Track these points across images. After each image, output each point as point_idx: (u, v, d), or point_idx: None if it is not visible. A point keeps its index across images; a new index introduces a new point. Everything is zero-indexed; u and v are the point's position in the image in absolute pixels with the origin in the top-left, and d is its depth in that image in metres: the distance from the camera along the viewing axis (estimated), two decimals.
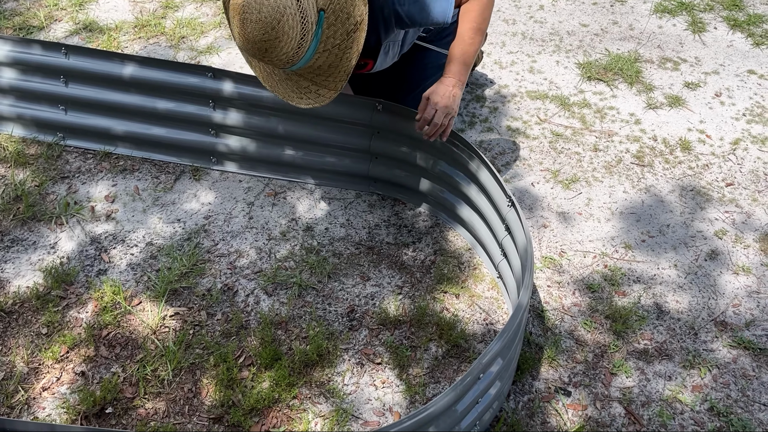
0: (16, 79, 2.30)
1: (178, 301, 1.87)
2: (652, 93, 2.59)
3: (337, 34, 1.59)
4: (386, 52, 1.96)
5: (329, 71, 1.66)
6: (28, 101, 2.33)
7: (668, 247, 2.03)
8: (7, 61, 2.27)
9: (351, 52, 1.62)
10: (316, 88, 1.70)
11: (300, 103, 1.72)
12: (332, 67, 1.65)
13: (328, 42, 1.60)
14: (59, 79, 2.26)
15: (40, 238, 2.04)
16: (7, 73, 2.30)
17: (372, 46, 1.87)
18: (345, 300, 1.89)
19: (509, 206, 1.74)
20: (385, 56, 1.96)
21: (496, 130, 2.44)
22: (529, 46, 2.85)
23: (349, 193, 2.21)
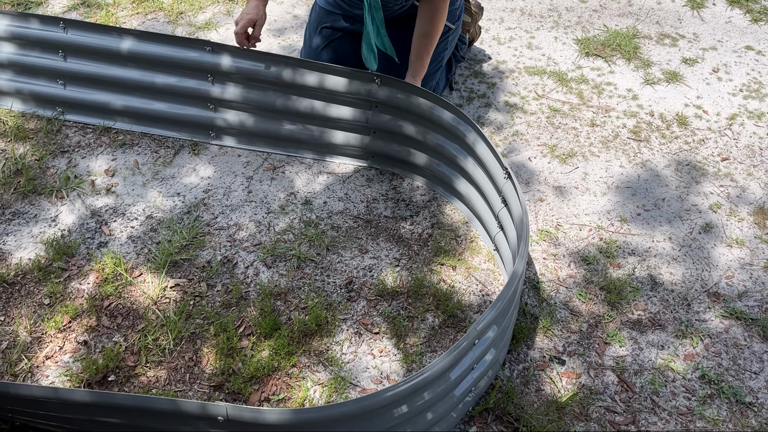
0: (15, 53, 2.30)
1: (179, 273, 1.90)
2: (650, 69, 2.60)
3: None
4: None
5: None
6: (27, 76, 2.34)
7: (663, 220, 2.05)
8: (5, 36, 2.27)
9: None
10: None
11: None
12: None
13: None
14: (58, 53, 2.26)
15: (41, 211, 2.06)
16: (5, 48, 2.30)
17: None
18: (343, 272, 1.91)
19: (506, 178, 1.76)
20: None
21: (494, 106, 2.45)
22: (528, 22, 2.84)
23: (348, 167, 2.22)
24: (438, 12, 2.00)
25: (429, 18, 2.01)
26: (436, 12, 2.00)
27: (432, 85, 2.29)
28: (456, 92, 2.50)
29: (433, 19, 2.01)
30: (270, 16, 2.84)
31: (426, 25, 2.01)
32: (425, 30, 2.02)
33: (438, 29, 2.03)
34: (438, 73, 2.30)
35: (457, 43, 2.46)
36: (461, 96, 2.49)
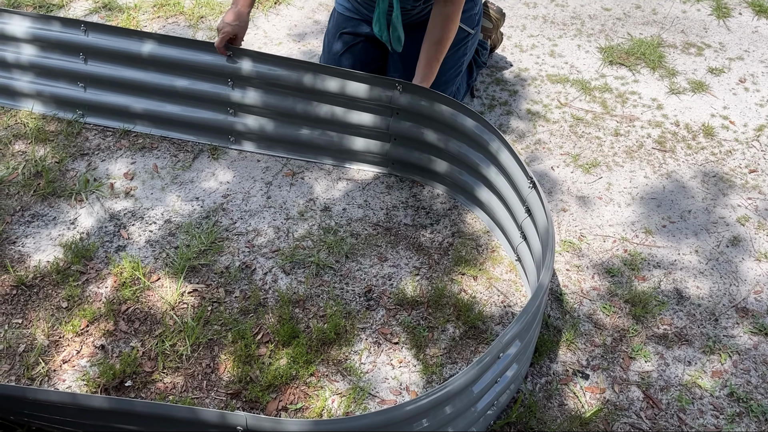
0: (36, 55, 2.30)
1: (197, 278, 1.88)
2: (675, 78, 2.56)
3: None
4: None
5: None
6: (47, 78, 2.34)
7: (689, 232, 2.01)
8: (27, 38, 2.28)
9: None
10: None
11: None
12: None
13: None
14: (79, 56, 2.26)
15: (60, 213, 2.05)
16: (27, 50, 2.31)
17: None
18: (362, 280, 1.89)
19: (530, 187, 1.73)
20: None
21: (516, 114, 2.42)
22: (550, 30, 2.81)
23: (367, 174, 2.20)
24: (449, 19, 1.97)
25: (440, 24, 1.97)
26: (448, 19, 1.97)
27: (452, 91, 2.27)
28: (477, 99, 2.48)
29: (444, 26, 1.97)
30: (290, 21, 2.84)
31: (437, 31, 1.98)
32: (436, 37, 1.99)
33: (449, 36, 2.00)
34: (458, 79, 2.28)
35: (478, 49, 2.43)
36: (482, 103, 2.46)
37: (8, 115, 2.36)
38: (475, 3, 2.21)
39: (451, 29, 1.99)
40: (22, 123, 2.33)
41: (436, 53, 2.01)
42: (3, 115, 2.36)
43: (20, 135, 2.29)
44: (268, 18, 2.85)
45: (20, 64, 2.33)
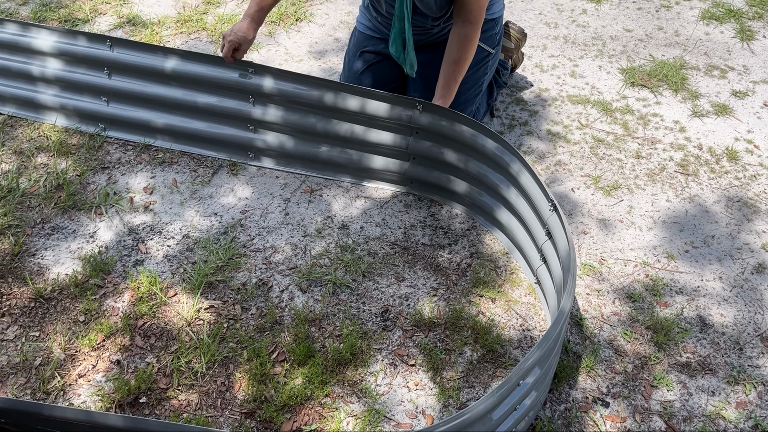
0: (62, 69, 2.33)
1: (213, 294, 1.87)
2: (698, 101, 2.53)
3: None
4: None
5: None
6: (72, 92, 2.37)
7: (713, 258, 1.97)
8: (53, 52, 2.31)
9: None
10: None
11: None
12: None
13: None
14: (103, 70, 2.29)
15: (80, 226, 2.06)
16: (52, 64, 2.34)
17: None
18: (379, 300, 1.87)
19: (551, 210, 1.71)
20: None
21: (536, 134, 2.40)
22: (571, 50, 2.80)
23: (385, 192, 2.19)
24: (468, 40, 1.96)
25: (458, 45, 1.97)
26: (466, 40, 1.96)
27: (472, 110, 2.26)
28: (497, 119, 2.46)
29: (462, 47, 1.97)
30: (311, 39, 2.85)
31: (455, 52, 1.98)
32: (454, 57, 1.98)
33: (467, 57, 1.99)
34: (478, 98, 2.27)
35: (499, 69, 2.43)
36: (502, 123, 2.45)
37: (31, 128, 2.38)
38: (496, 23, 2.21)
39: (470, 50, 1.98)
40: (45, 136, 2.35)
41: (454, 73, 2.00)
42: (26, 128, 2.38)
43: (43, 148, 2.31)
44: (290, 35, 2.87)
45: (45, 78, 2.36)
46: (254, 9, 2.09)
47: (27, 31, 2.32)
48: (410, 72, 2.06)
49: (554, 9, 3.05)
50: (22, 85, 2.41)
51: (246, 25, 2.08)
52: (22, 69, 2.37)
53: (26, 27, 2.32)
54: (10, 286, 1.88)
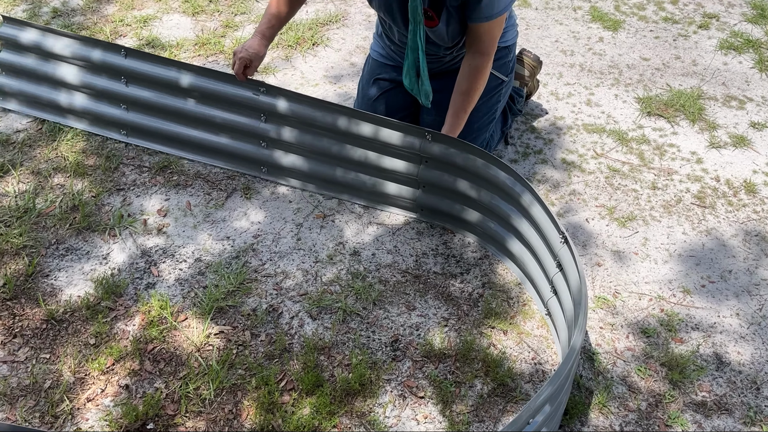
0: (83, 76, 2.39)
1: (224, 320, 1.87)
2: (716, 132, 2.51)
3: None
4: (447, 23, 1.93)
5: None
6: (93, 98, 2.43)
7: (730, 294, 1.94)
8: (74, 58, 2.36)
9: None
10: None
11: None
12: None
13: None
14: (120, 79, 2.34)
15: (94, 248, 2.08)
16: (74, 71, 2.39)
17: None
18: (389, 329, 1.86)
19: (562, 242, 1.69)
20: (446, 27, 1.93)
21: (551, 163, 2.39)
22: (587, 78, 2.79)
23: (398, 219, 2.19)
24: (478, 71, 1.95)
25: (469, 76, 1.96)
26: (477, 71, 1.95)
27: (485, 138, 2.26)
28: (512, 147, 2.46)
29: (473, 78, 1.96)
30: (327, 63, 2.88)
31: (465, 82, 1.97)
32: (464, 87, 1.98)
33: (477, 88, 1.98)
34: (491, 126, 2.27)
35: (513, 96, 2.42)
36: (517, 151, 2.44)
37: (49, 148, 2.41)
38: (509, 51, 2.21)
39: (480, 81, 1.97)
40: (62, 156, 2.38)
41: (464, 104, 1.99)
42: (44, 148, 2.41)
43: (60, 168, 2.33)
44: (306, 59, 2.89)
45: (68, 83, 2.42)
46: (265, 26, 2.11)
47: (52, 38, 2.39)
48: (426, 102, 2.07)
49: (570, 37, 3.05)
50: (48, 90, 2.48)
51: (257, 42, 2.09)
52: (48, 73, 2.44)
53: (52, 33, 2.39)
54: (23, 306, 1.89)
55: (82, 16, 3.14)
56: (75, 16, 3.15)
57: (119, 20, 3.10)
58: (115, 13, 3.16)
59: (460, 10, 1.90)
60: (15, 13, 3.18)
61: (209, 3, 3.25)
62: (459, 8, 1.89)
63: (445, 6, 1.88)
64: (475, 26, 1.90)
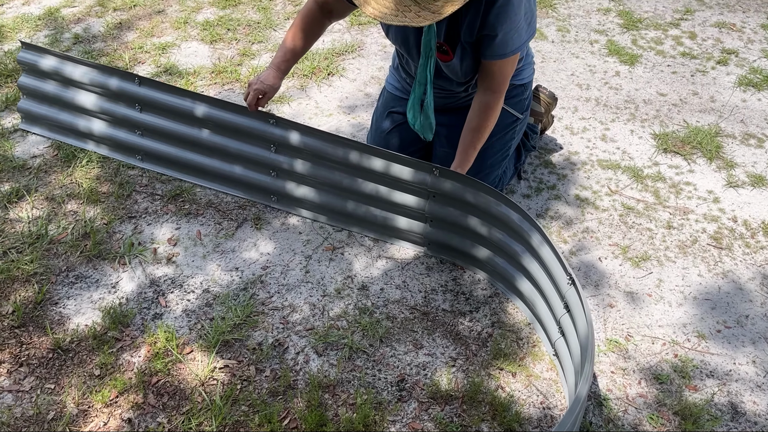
0: (99, 102, 2.43)
1: (229, 353, 1.86)
2: (734, 170, 2.47)
3: None
4: (461, 58, 1.93)
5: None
6: (110, 123, 2.46)
7: (746, 340, 1.89)
8: (91, 84, 2.40)
9: None
10: (417, 9, 1.65)
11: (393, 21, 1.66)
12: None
13: None
14: (135, 106, 2.37)
15: (103, 276, 2.08)
16: (91, 97, 2.44)
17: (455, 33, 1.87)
18: (396, 367, 1.83)
19: (569, 284, 1.66)
20: (460, 62, 1.94)
21: (564, 199, 2.36)
22: (603, 113, 2.77)
23: (408, 253, 2.17)
24: (489, 108, 1.95)
25: (479, 112, 1.96)
26: (488, 107, 1.95)
27: (498, 174, 2.24)
28: (525, 182, 2.44)
29: (483, 114, 1.95)
30: (342, 93, 2.89)
31: (476, 119, 1.97)
32: (474, 124, 1.97)
33: (488, 125, 1.97)
34: (504, 162, 2.25)
35: (527, 133, 2.41)
36: (530, 186, 2.42)
37: (64, 174, 2.44)
38: (525, 89, 2.20)
39: (490, 118, 1.96)
40: (77, 182, 2.40)
41: (473, 141, 1.98)
42: (60, 174, 2.44)
43: (74, 194, 2.35)
44: (321, 89, 2.91)
45: (86, 109, 2.46)
46: (280, 59, 2.12)
47: (70, 65, 2.43)
48: (428, 137, 2.06)
49: (587, 70, 3.04)
50: (68, 115, 2.52)
51: (272, 75, 2.10)
52: (66, 99, 2.49)
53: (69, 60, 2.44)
54: (30, 335, 1.90)
55: (102, 42, 3.19)
56: (96, 42, 3.20)
57: (138, 47, 3.14)
58: (134, 39, 3.21)
59: (474, 47, 1.90)
60: (37, 38, 3.24)
61: (227, 31, 3.29)
62: (473, 44, 1.89)
63: (460, 41, 1.88)
64: (488, 63, 1.90)
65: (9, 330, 1.90)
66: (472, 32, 1.84)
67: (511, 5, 1.77)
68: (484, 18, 1.80)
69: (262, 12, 3.46)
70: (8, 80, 2.93)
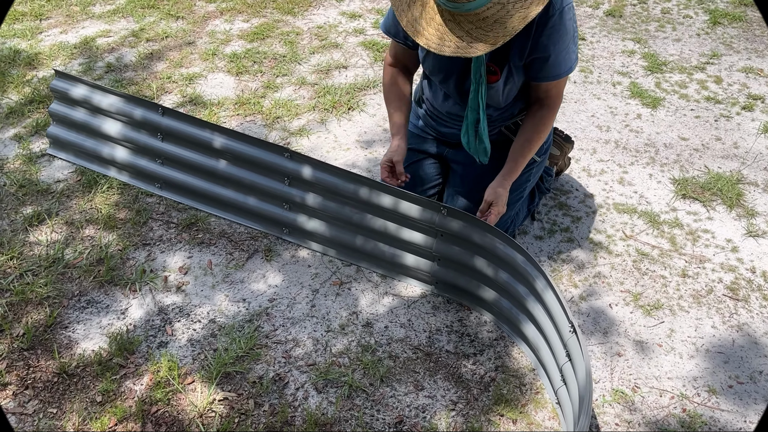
0: (123, 130, 2.50)
1: (229, 386, 1.86)
2: (754, 219, 2.41)
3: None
4: (506, 81, 1.95)
5: (492, 26, 1.68)
6: (133, 151, 2.53)
7: (759, 397, 1.82)
8: (116, 113, 2.47)
9: (522, 14, 1.66)
10: (469, 39, 1.70)
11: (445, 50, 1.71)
12: (497, 22, 1.68)
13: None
14: (157, 135, 2.43)
15: (114, 302, 2.12)
16: (115, 125, 2.51)
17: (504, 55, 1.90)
18: (395, 408, 1.81)
19: (571, 332, 1.63)
20: (503, 85, 1.96)
21: (577, 242, 2.33)
22: (622, 156, 2.74)
23: (415, 291, 2.16)
24: (543, 122, 2.00)
25: (533, 126, 2.01)
26: (541, 122, 2.00)
27: (511, 215, 2.23)
28: (537, 223, 2.41)
29: (536, 128, 2.01)
30: (361, 128, 2.92)
31: (529, 131, 2.02)
32: (527, 136, 2.02)
33: (540, 138, 2.02)
34: (518, 204, 2.24)
35: (543, 175, 2.40)
36: (542, 227, 2.40)
37: (85, 199, 2.50)
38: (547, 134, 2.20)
39: (542, 131, 2.02)
40: (96, 208, 2.47)
41: (523, 150, 2.02)
42: (81, 199, 2.51)
43: (92, 220, 2.41)
44: (340, 123, 2.94)
45: (112, 137, 2.53)
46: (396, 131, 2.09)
47: (99, 94, 2.52)
48: (484, 160, 2.10)
49: (608, 112, 3.02)
50: (94, 142, 2.60)
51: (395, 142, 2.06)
52: (94, 126, 2.57)
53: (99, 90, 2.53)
54: (38, 358, 1.93)
55: (133, 71, 3.30)
56: (126, 71, 3.31)
57: (167, 77, 3.24)
58: (163, 70, 3.31)
59: (524, 69, 1.93)
60: (72, 66, 3.36)
61: (253, 64, 3.37)
62: (523, 67, 1.92)
63: (508, 63, 1.91)
64: (541, 85, 1.94)
65: (18, 352, 1.95)
66: (522, 55, 1.88)
67: (563, 25, 1.82)
68: (536, 39, 1.84)
69: (288, 46, 3.54)
70: (40, 106, 3.04)
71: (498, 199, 1.97)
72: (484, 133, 2.03)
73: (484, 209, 2.00)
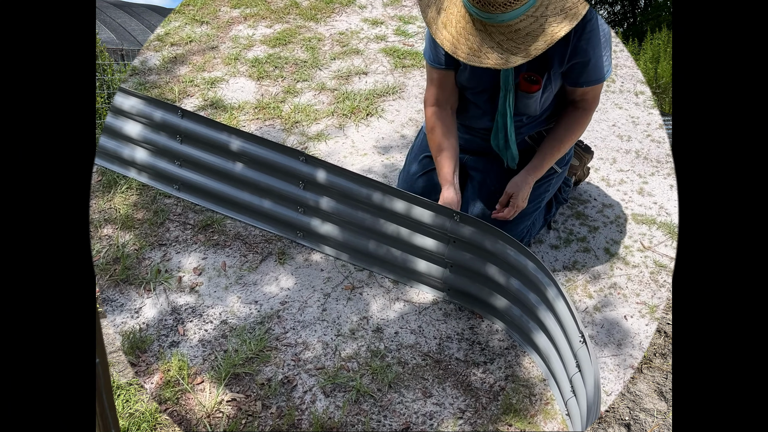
0: (143, 132, 2.54)
1: (238, 387, 1.87)
2: None
3: (551, 5, 1.66)
4: (543, 89, 1.94)
5: (524, 39, 1.68)
6: (152, 153, 2.56)
7: None
8: (137, 115, 2.52)
9: (554, 29, 1.66)
10: (501, 51, 1.71)
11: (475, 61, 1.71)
12: (529, 35, 1.68)
13: (539, 8, 1.66)
14: (176, 137, 2.46)
15: (128, 301, 2.14)
16: (136, 127, 2.55)
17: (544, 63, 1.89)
18: (402, 414, 1.80)
19: (581, 342, 1.61)
20: (541, 93, 1.95)
21: (593, 252, 2.30)
22: (642, 166, 2.70)
23: (426, 297, 2.15)
24: (577, 122, 2.01)
25: (567, 125, 2.02)
26: (575, 123, 2.01)
27: (527, 225, 2.20)
28: (554, 231, 2.39)
29: (570, 128, 2.02)
30: (378, 134, 2.92)
31: (562, 130, 2.02)
32: (560, 134, 2.02)
33: (572, 138, 2.03)
34: (535, 214, 2.22)
35: (561, 186, 2.37)
36: (559, 237, 2.37)
37: (105, 199, 2.54)
38: None
39: (576, 131, 2.03)
40: (115, 208, 2.50)
41: (553, 148, 2.02)
42: (100, 198, 2.55)
43: (111, 219, 2.45)
44: (358, 129, 2.95)
45: (132, 138, 2.57)
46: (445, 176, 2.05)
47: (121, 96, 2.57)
48: (512, 165, 2.12)
49: (629, 121, 2.98)
50: (115, 143, 2.64)
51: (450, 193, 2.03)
52: (117, 127, 2.61)
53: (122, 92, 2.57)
54: None
55: (156, 75, 3.35)
56: (150, 74, 3.36)
57: (189, 81, 3.28)
58: (186, 73, 3.36)
59: (563, 76, 1.94)
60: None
61: (275, 69, 3.40)
62: (563, 74, 1.93)
63: (548, 71, 1.91)
64: (580, 90, 1.95)
65: None
66: (562, 61, 1.88)
67: (599, 28, 1.84)
68: (576, 44, 1.84)
69: (309, 51, 3.56)
70: None
71: (519, 193, 1.97)
72: (511, 140, 2.03)
73: (503, 201, 2.01)
